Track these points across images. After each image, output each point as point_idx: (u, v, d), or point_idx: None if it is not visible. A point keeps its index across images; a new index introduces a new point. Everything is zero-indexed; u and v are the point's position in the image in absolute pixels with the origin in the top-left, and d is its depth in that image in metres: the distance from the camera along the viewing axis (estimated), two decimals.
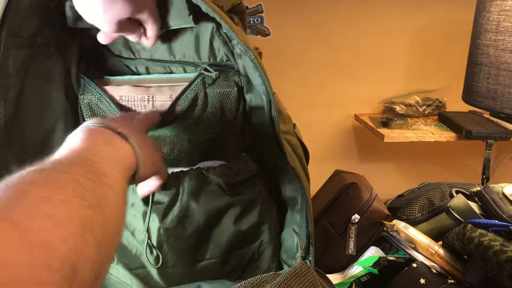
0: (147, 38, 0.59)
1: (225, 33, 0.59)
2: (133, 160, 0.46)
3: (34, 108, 0.60)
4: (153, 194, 0.63)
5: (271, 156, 0.63)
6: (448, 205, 0.88)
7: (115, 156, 0.43)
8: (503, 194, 0.87)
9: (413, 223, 0.91)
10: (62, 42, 0.62)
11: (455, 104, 1.53)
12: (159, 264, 0.64)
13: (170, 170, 0.67)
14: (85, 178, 0.35)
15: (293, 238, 0.65)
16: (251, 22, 1.66)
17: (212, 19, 0.57)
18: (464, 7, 1.57)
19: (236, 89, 0.64)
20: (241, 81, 0.63)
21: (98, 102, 0.63)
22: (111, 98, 0.64)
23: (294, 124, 0.68)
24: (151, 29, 0.58)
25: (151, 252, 0.64)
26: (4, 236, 0.24)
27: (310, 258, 0.61)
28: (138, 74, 0.67)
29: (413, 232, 0.83)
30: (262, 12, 1.64)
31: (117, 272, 0.66)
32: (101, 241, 0.32)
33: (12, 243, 0.24)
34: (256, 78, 0.57)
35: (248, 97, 0.63)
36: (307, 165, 0.65)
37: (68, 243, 0.28)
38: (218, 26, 0.60)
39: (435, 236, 0.87)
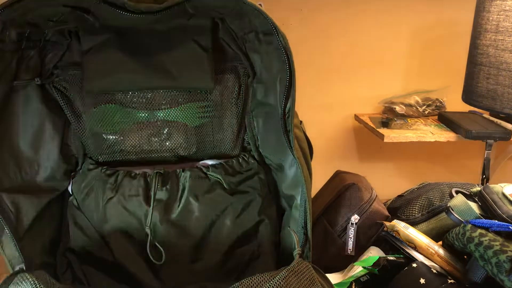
0: None
1: (232, 29, 0.60)
2: None
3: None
4: (155, 192, 0.63)
5: (273, 148, 0.63)
6: (448, 205, 0.88)
7: None
8: (503, 194, 0.87)
9: (413, 223, 0.91)
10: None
11: (455, 104, 1.53)
12: (163, 261, 0.63)
13: (170, 165, 0.68)
14: None
15: (292, 235, 0.65)
16: None
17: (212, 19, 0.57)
18: (464, 7, 1.57)
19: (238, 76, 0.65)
20: (247, 74, 0.64)
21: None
22: None
23: (301, 121, 0.68)
24: None
25: (152, 250, 0.64)
26: None
27: (307, 253, 0.61)
28: None
29: (413, 232, 0.83)
30: None
31: (118, 271, 0.66)
32: None
33: None
34: (274, 66, 0.57)
35: (258, 88, 0.64)
36: (311, 159, 0.65)
37: None
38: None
39: (435, 236, 0.87)
